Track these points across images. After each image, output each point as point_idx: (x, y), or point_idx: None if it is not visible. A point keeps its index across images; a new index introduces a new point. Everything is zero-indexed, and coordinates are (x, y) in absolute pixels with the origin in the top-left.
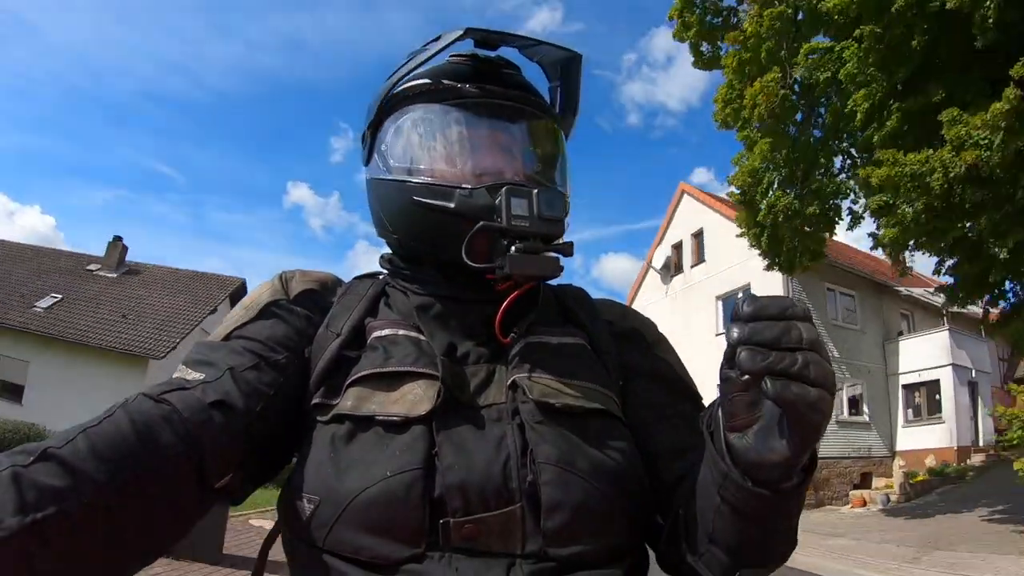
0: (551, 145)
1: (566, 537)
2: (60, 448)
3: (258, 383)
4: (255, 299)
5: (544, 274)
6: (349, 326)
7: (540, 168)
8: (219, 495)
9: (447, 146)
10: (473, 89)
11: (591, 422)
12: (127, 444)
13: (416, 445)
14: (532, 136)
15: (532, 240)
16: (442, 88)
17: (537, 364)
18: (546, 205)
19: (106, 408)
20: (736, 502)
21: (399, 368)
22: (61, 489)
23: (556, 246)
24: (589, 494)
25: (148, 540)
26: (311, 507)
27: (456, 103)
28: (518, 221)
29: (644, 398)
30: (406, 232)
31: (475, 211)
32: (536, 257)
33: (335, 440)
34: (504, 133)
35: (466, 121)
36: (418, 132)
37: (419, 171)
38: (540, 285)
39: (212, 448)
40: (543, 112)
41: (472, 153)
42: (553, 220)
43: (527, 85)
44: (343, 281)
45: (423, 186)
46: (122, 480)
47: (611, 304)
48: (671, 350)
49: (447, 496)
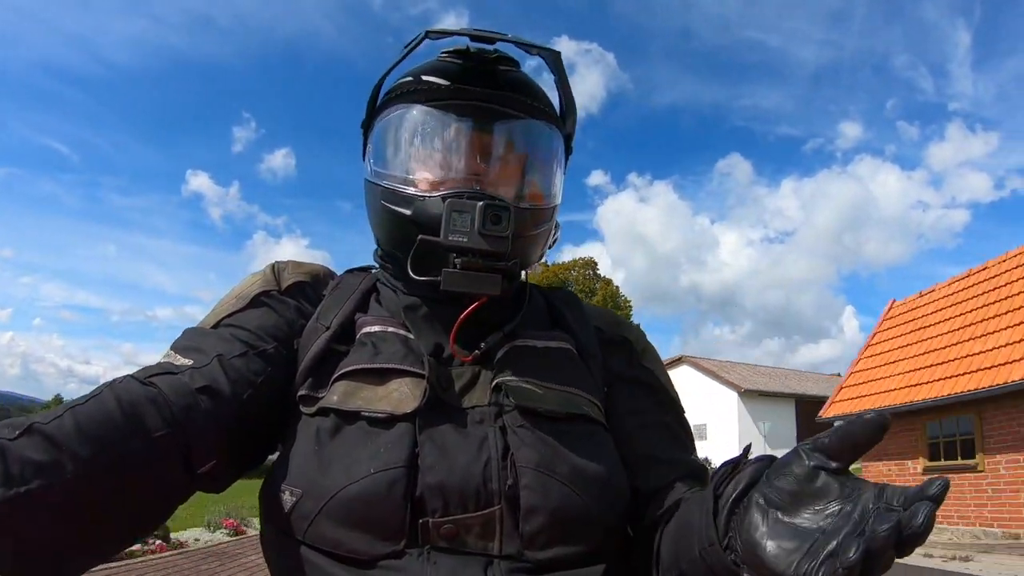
0: (532, 148)
1: (544, 540)
2: (46, 424)
3: (246, 371)
4: (246, 288)
5: (477, 292)
6: (339, 320)
7: (507, 176)
8: (203, 480)
9: (413, 150)
10: (448, 89)
11: (573, 427)
12: (112, 423)
13: (400, 443)
14: (511, 139)
15: (472, 256)
16: (418, 89)
17: (522, 368)
18: (490, 221)
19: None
20: (716, 569)
21: (387, 365)
22: (46, 463)
23: (500, 266)
24: (568, 499)
25: (131, 520)
26: (293, 499)
27: (431, 104)
28: (456, 236)
29: (627, 405)
30: (380, 234)
31: (426, 220)
32: (474, 275)
33: (320, 433)
34: (474, 137)
35: (435, 124)
36: (392, 134)
37: (388, 175)
38: (531, 290)
39: (197, 432)
40: (530, 112)
41: (434, 158)
42: (495, 237)
43: (521, 83)
44: (335, 274)
45: (389, 190)
46: (106, 458)
47: (602, 312)
48: (658, 361)
49: (427, 496)
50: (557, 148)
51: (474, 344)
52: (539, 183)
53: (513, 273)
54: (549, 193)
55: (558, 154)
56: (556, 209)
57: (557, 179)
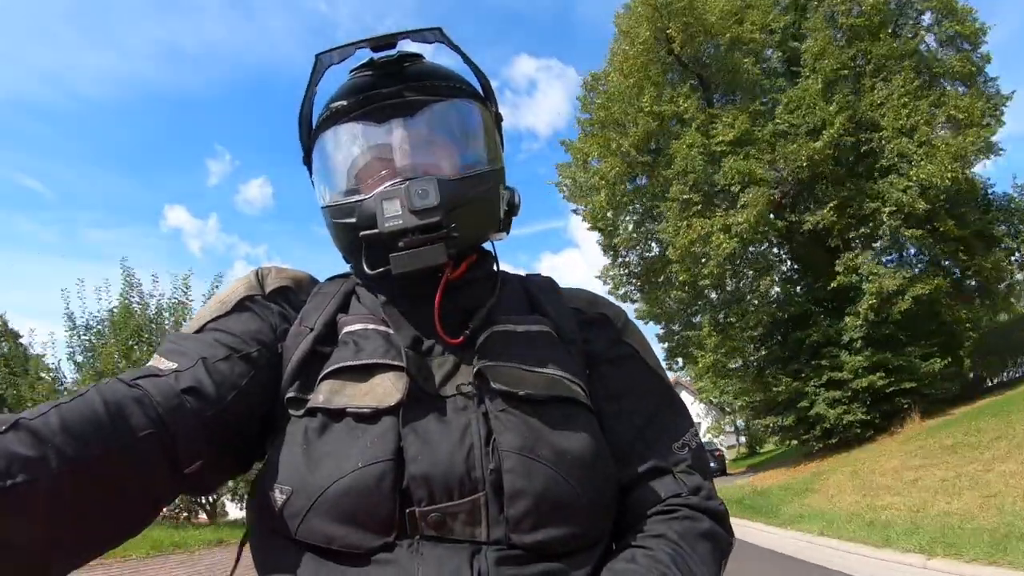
0: (448, 125)
1: (530, 524)
2: (32, 420)
3: (230, 374)
4: (230, 294)
5: (425, 266)
6: (322, 321)
7: (432, 159)
8: (189, 482)
9: (344, 166)
10: (354, 102)
11: (556, 410)
12: (98, 422)
13: (386, 436)
14: (429, 124)
15: (413, 235)
16: (333, 111)
17: (502, 353)
18: (417, 196)
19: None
20: None
21: (369, 361)
22: (31, 459)
23: (438, 235)
24: (553, 481)
25: (117, 520)
26: (283, 497)
27: (348, 119)
28: (391, 222)
29: (606, 387)
30: (340, 250)
31: (367, 220)
32: (415, 252)
33: (308, 433)
34: (393, 133)
35: (354, 136)
36: (325, 161)
37: (331, 195)
38: (507, 275)
39: (183, 433)
40: (436, 92)
41: (362, 166)
42: (425, 209)
43: (429, 71)
44: (318, 280)
45: (334, 207)
46: (92, 456)
47: (579, 292)
48: (638, 334)
49: (413, 486)
50: (475, 116)
51: (461, 328)
52: (464, 153)
53: (457, 240)
54: (477, 159)
55: (477, 121)
56: (496, 172)
57: (481, 144)
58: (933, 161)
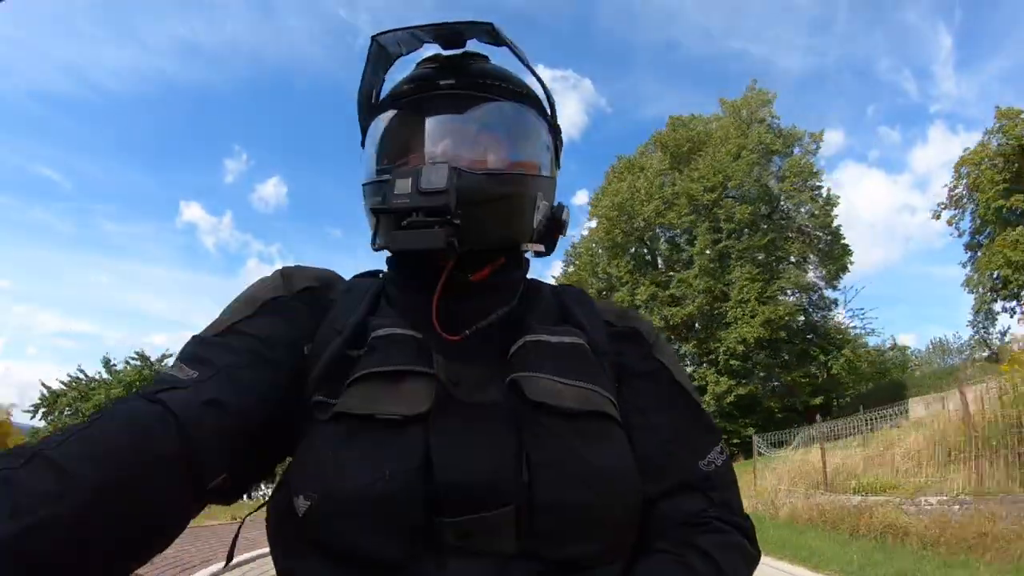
0: (496, 123)
1: (559, 539)
2: (52, 450)
3: (254, 381)
4: (254, 294)
5: (419, 247)
6: (351, 324)
7: (461, 148)
8: (214, 495)
9: (384, 147)
10: (409, 89)
11: (589, 424)
12: (120, 446)
13: (415, 444)
14: (472, 119)
15: (416, 215)
16: (389, 97)
17: (537, 363)
18: (426, 179)
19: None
20: None
21: (399, 367)
22: (54, 491)
23: (439, 220)
24: (583, 497)
25: (143, 540)
26: (307, 504)
27: (398, 106)
28: (399, 200)
29: (635, 402)
30: (371, 229)
31: (383, 198)
32: (415, 232)
33: (335, 438)
34: (433, 122)
35: (400, 119)
36: (372, 142)
37: (368, 175)
38: (540, 285)
39: (206, 448)
40: (493, 92)
41: (398, 149)
42: (433, 192)
43: (489, 71)
44: (343, 279)
45: (368, 186)
46: (115, 481)
47: (612, 306)
48: (669, 350)
49: (441, 496)
50: (524, 120)
51: (464, 327)
52: (500, 153)
53: (466, 234)
54: (513, 160)
55: (525, 125)
56: (535, 180)
57: (523, 148)
58: (751, 324)
